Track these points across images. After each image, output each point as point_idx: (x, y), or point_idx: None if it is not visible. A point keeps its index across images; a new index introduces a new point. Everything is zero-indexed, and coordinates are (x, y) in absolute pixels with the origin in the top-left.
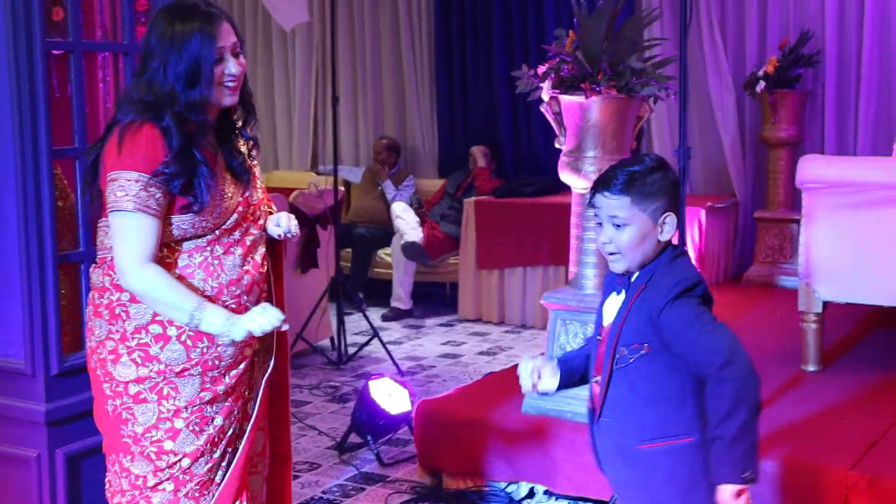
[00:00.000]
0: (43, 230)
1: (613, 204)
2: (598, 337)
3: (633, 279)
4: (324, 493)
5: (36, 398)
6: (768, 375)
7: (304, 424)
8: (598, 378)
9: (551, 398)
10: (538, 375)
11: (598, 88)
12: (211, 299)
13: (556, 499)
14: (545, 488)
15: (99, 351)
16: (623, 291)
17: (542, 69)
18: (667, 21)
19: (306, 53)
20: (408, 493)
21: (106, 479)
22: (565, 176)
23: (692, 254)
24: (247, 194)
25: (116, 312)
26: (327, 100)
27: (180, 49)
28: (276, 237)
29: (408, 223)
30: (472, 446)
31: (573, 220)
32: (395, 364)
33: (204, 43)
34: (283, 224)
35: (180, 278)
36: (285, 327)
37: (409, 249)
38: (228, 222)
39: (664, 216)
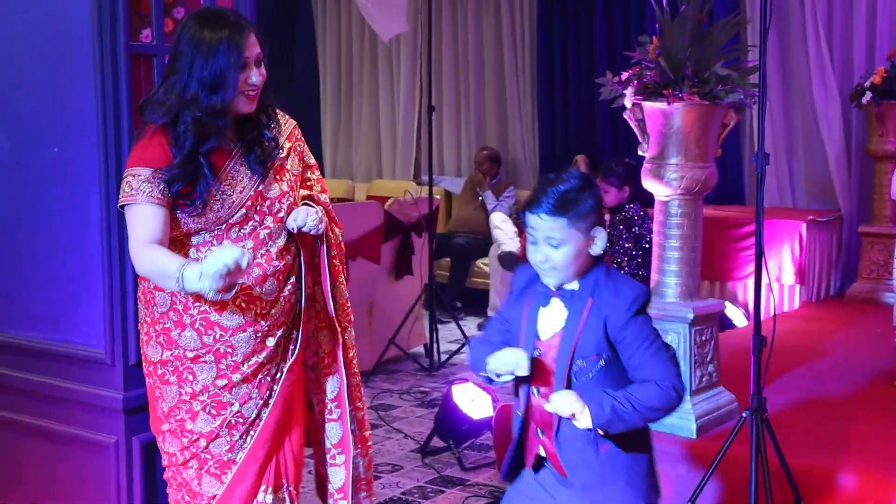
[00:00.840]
0: (124, 227)
1: (549, 225)
2: (538, 352)
3: (573, 293)
4: (403, 493)
5: (115, 387)
6: (860, 391)
7: (390, 427)
8: (538, 391)
9: None
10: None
11: (680, 95)
12: (219, 291)
13: None
14: None
15: (140, 333)
16: (554, 303)
17: (624, 76)
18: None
19: (410, 63)
20: (485, 498)
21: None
22: (648, 183)
23: (792, 267)
24: (260, 188)
25: (147, 299)
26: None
27: (206, 55)
28: (292, 230)
29: (505, 233)
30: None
31: (655, 227)
32: None
33: (230, 52)
34: (299, 218)
35: None
36: (242, 262)
37: (506, 259)
38: (235, 217)
39: (593, 231)
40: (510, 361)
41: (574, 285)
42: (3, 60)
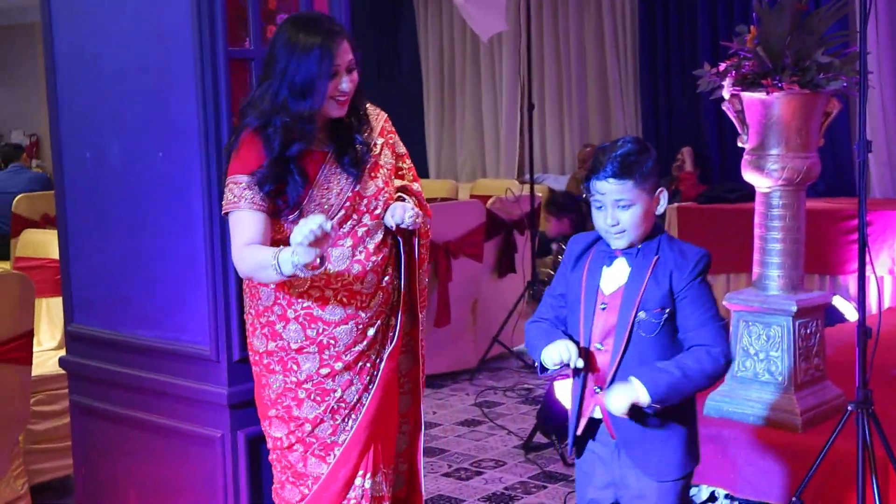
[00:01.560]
0: (225, 230)
1: (617, 188)
2: (602, 305)
3: (638, 251)
4: (506, 489)
5: (220, 382)
6: None
7: (494, 424)
8: (607, 344)
9: (731, 400)
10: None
11: (779, 84)
12: (320, 288)
13: (739, 503)
14: (726, 492)
15: (246, 324)
16: (619, 262)
17: (722, 66)
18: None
19: (512, 62)
20: None
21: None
22: (748, 175)
23: (888, 261)
24: (357, 188)
25: (252, 293)
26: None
27: (299, 61)
28: (391, 228)
29: None
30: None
31: (756, 220)
32: None
33: (322, 59)
34: (396, 215)
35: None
36: (326, 226)
37: None
38: (336, 217)
39: (658, 192)
40: (563, 354)
41: (638, 243)
42: (115, 71)
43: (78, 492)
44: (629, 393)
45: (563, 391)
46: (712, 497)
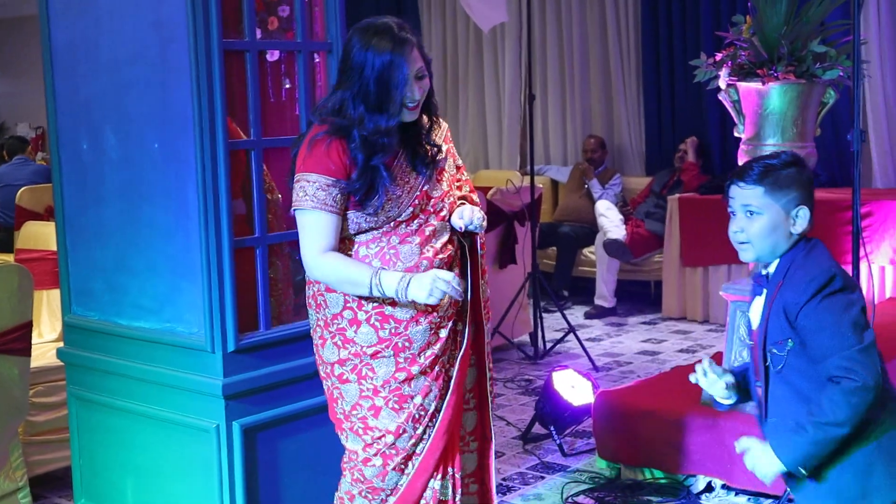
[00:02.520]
0: (220, 217)
1: (747, 193)
2: (750, 342)
3: (770, 276)
4: (504, 479)
5: (214, 373)
6: None
7: (493, 415)
8: (759, 382)
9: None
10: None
11: (775, 74)
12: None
13: (736, 494)
14: (723, 482)
15: (313, 338)
16: (764, 291)
17: (719, 56)
18: (871, 2)
19: (515, 53)
20: (585, 483)
21: None
22: None
23: (889, 251)
24: (426, 188)
25: (318, 301)
26: (535, 99)
27: (372, 75)
28: (458, 229)
29: (611, 220)
30: (651, 438)
31: None
32: (591, 360)
33: (395, 70)
34: (465, 216)
35: None
36: (457, 295)
37: (611, 246)
38: (404, 215)
39: (797, 209)
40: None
41: (772, 268)
42: (111, 63)
43: (76, 482)
44: (772, 466)
45: (562, 382)
46: (709, 487)
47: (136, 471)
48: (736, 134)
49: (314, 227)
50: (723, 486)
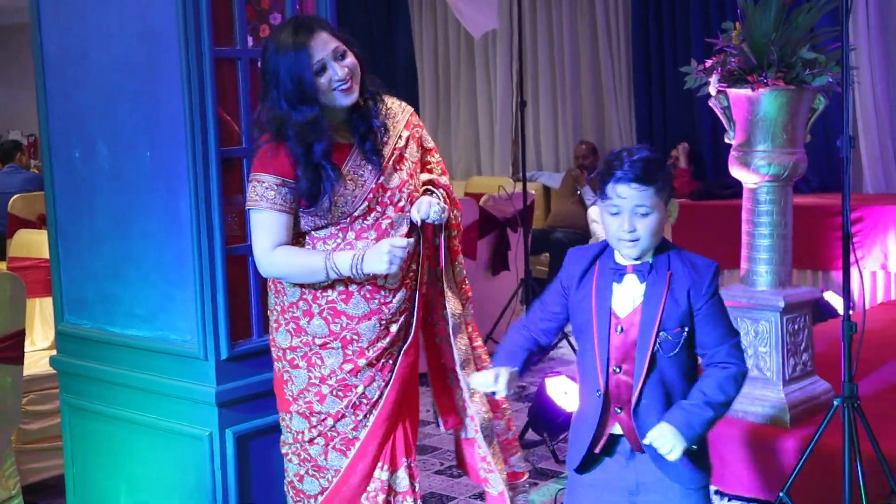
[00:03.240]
0: (212, 226)
1: (639, 194)
2: (619, 329)
3: (650, 267)
4: None
5: (208, 381)
6: None
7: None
8: (625, 367)
9: None
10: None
11: (765, 80)
12: (344, 282)
13: (729, 499)
14: (715, 488)
15: (269, 319)
16: (630, 280)
17: (708, 63)
18: (861, 9)
19: (506, 60)
20: None
21: (281, 435)
22: (735, 171)
23: (881, 256)
24: (381, 180)
25: (277, 289)
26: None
27: (283, 70)
28: (416, 223)
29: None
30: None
31: (744, 216)
32: None
33: (300, 59)
34: (422, 210)
35: None
36: (405, 246)
37: None
38: (358, 210)
39: (671, 203)
40: (489, 384)
41: (648, 258)
42: (102, 71)
43: (69, 490)
44: (677, 442)
45: (555, 389)
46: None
47: (129, 479)
48: (726, 140)
49: (265, 225)
50: (716, 492)
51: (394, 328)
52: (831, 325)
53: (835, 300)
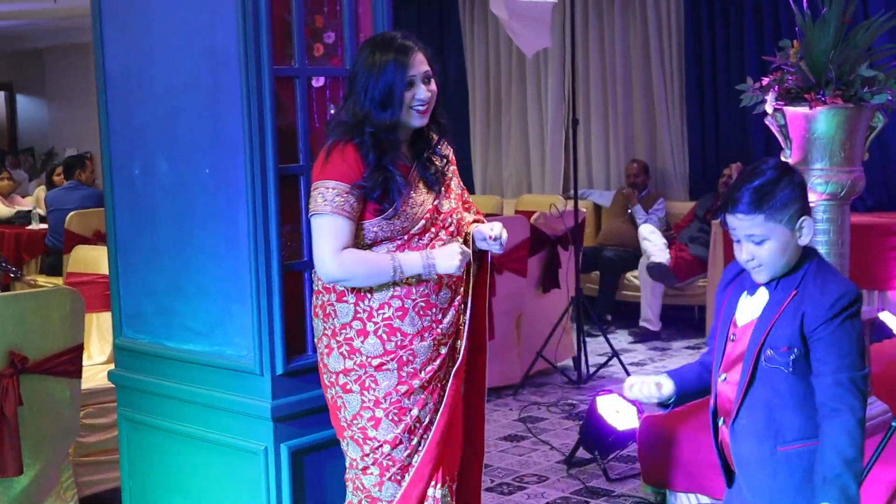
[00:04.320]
0: (270, 242)
1: (747, 224)
2: (733, 336)
3: (779, 283)
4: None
5: (263, 396)
6: None
7: (537, 439)
8: (733, 376)
9: None
10: (655, 387)
11: (822, 98)
12: (401, 298)
13: None
14: None
15: (318, 346)
16: (761, 292)
17: (765, 81)
18: None
19: (558, 78)
20: None
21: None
22: None
23: None
24: (436, 202)
25: (327, 311)
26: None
27: (377, 76)
28: (484, 240)
29: (654, 244)
30: (697, 463)
31: None
32: None
33: (397, 71)
34: (496, 229)
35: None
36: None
37: (655, 270)
38: (416, 227)
39: (800, 221)
40: (643, 392)
41: (782, 275)
42: (164, 89)
43: (125, 503)
44: None
45: (607, 407)
46: None
47: (185, 492)
48: (783, 158)
49: (331, 230)
50: None
51: (443, 350)
52: (887, 346)
53: (891, 320)
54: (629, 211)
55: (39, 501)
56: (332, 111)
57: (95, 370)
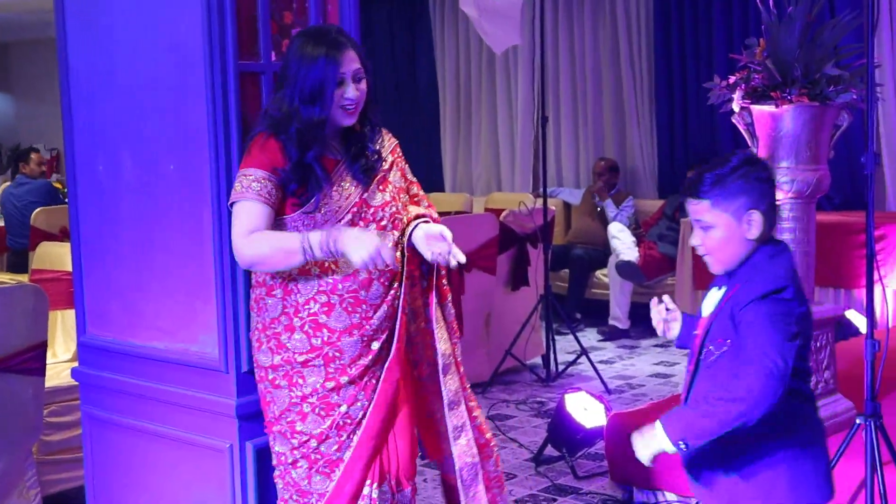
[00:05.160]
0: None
1: (696, 208)
2: (696, 331)
3: (730, 277)
4: (516, 501)
5: (228, 393)
6: None
7: (505, 437)
8: (688, 368)
9: None
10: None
11: (789, 97)
12: (327, 293)
13: None
14: None
15: (252, 340)
16: (723, 288)
17: (732, 79)
18: (885, 26)
19: (527, 76)
20: None
21: None
22: None
23: None
24: (364, 196)
25: (259, 306)
26: (548, 121)
27: (308, 69)
28: (428, 258)
29: (623, 242)
30: (663, 460)
31: None
32: (603, 382)
33: (328, 66)
34: (436, 249)
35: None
36: (388, 254)
37: (624, 268)
38: (342, 222)
39: (747, 214)
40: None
41: (735, 269)
42: (128, 85)
43: (89, 501)
44: (651, 442)
45: (575, 405)
46: None
47: (150, 490)
48: None
49: (245, 214)
50: None
51: (375, 346)
52: (853, 344)
53: (856, 318)
54: (599, 208)
55: (2, 500)
56: None
57: (60, 368)
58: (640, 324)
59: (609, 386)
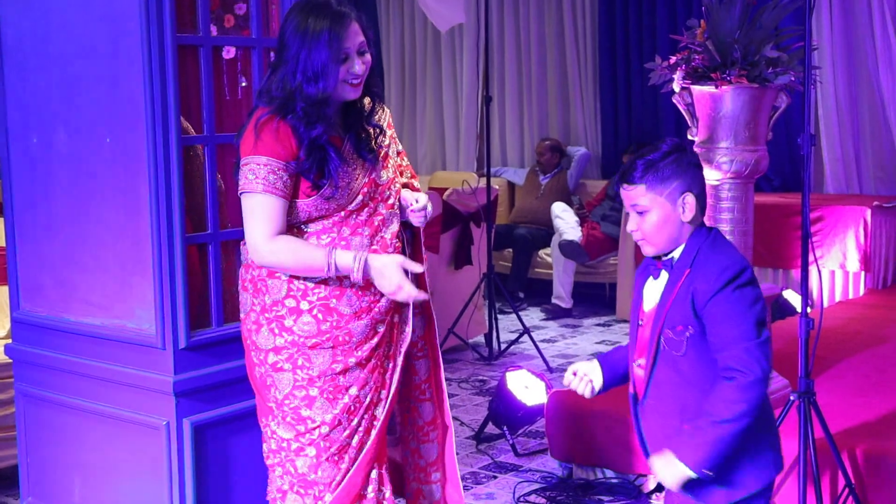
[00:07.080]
0: (172, 214)
1: (631, 193)
2: (640, 322)
3: (674, 262)
4: None
5: (165, 370)
6: None
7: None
8: (642, 361)
9: None
10: (589, 380)
11: (728, 78)
12: (338, 277)
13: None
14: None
15: (246, 321)
16: (662, 275)
17: (673, 60)
18: (825, 9)
19: (473, 55)
20: (538, 483)
21: (263, 444)
22: None
23: (856, 254)
24: (373, 175)
25: (258, 287)
26: (492, 101)
27: (310, 47)
28: (411, 211)
29: (566, 222)
30: (602, 438)
31: (707, 212)
32: (545, 360)
33: (332, 43)
34: (421, 200)
35: None
36: (417, 294)
37: (567, 248)
38: (354, 204)
39: (682, 196)
40: (575, 378)
41: (676, 254)
42: (62, 55)
43: (23, 480)
44: (676, 473)
45: (516, 382)
46: (659, 487)
47: (85, 468)
48: (690, 137)
49: (263, 210)
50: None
51: (381, 328)
52: (790, 323)
53: (793, 298)
54: (542, 188)
55: None
56: (244, 83)
57: None
58: (583, 303)
59: (551, 364)
